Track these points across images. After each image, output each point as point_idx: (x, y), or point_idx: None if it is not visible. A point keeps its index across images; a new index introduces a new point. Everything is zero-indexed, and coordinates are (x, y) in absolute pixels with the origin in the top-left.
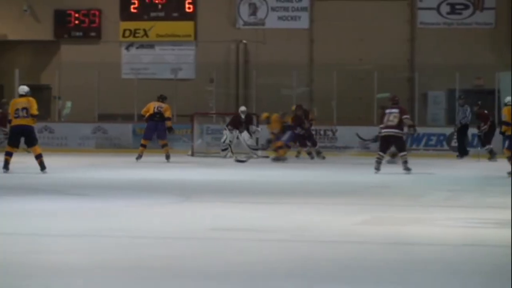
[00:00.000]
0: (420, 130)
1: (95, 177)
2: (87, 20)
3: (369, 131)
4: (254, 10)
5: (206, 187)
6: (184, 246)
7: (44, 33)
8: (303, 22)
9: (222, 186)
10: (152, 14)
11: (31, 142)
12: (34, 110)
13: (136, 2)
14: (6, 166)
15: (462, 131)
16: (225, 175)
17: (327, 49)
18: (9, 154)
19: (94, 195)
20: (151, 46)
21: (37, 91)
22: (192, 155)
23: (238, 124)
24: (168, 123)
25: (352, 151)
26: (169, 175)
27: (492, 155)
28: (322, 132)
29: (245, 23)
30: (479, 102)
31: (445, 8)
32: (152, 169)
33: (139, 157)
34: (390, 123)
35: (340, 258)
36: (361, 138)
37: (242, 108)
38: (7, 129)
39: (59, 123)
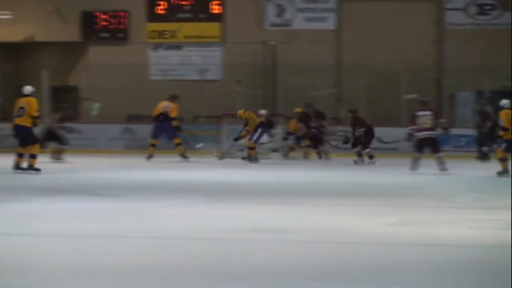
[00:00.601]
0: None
1: (123, 178)
2: (114, 21)
3: (398, 132)
4: (281, 11)
5: (232, 188)
6: (209, 247)
7: (72, 34)
8: (330, 23)
9: (248, 187)
10: (179, 16)
11: (24, 142)
12: (33, 111)
13: (163, 3)
14: (16, 167)
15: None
16: (250, 176)
17: (354, 50)
18: (19, 155)
19: (122, 196)
20: (178, 47)
21: (64, 92)
22: (221, 156)
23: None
24: (174, 123)
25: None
26: (195, 176)
27: (484, 156)
28: (349, 134)
29: (272, 24)
30: (481, 101)
31: (473, 9)
32: (180, 170)
33: (150, 157)
34: (425, 126)
35: (370, 260)
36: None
37: (263, 112)
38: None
39: (88, 124)
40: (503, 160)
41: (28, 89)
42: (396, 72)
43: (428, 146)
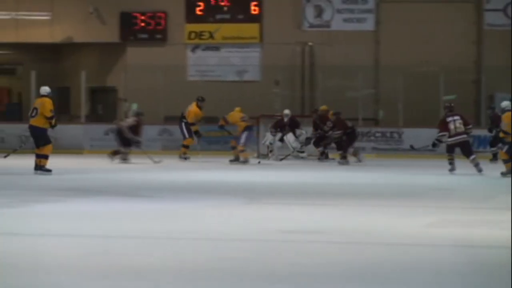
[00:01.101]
0: (488, 132)
1: (162, 179)
2: (153, 22)
3: (434, 134)
4: (319, 12)
5: (271, 189)
6: (250, 248)
7: (110, 35)
8: (369, 24)
9: (286, 188)
10: (218, 17)
11: (37, 142)
12: (46, 111)
13: (201, 4)
14: (36, 168)
15: None
16: (286, 177)
17: (392, 51)
18: (37, 156)
19: (161, 197)
20: (216, 48)
21: (102, 93)
22: (258, 157)
23: (280, 126)
24: (194, 128)
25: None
26: (234, 177)
27: (494, 157)
28: (388, 134)
29: (311, 25)
30: (492, 105)
31: None
32: (218, 171)
33: (186, 158)
34: (459, 130)
35: (406, 261)
36: (413, 148)
37: (286, 112)
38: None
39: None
40: (507, 161)
41: (45, 89)
42: (434, 73)
43: (461, 149)
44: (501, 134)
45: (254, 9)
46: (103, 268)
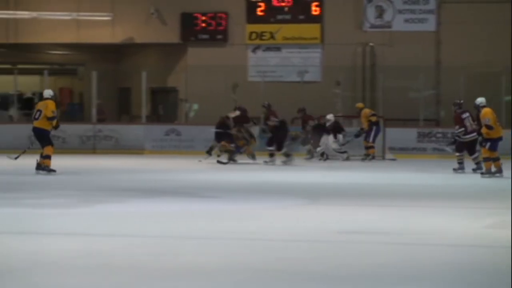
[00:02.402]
0: None
1: (223, 179)
2: (214, 23)
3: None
4: (380, 12)
5: (329, 189)
6: (309, 249)
7: (171, 36)
8: (430, 24)
9: (346, 189)
10: (279, 17)
11: (41, 143)
12: (48, 112)
13: (262, 5)
14: (39, 167)
15: None
16: (348, 178)
17: (454, 51)
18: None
19: (223, 197)
20: (277, 48)
21: (163, 93)
22: (312, 156)
23: (321, 131)
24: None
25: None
26: (292, 177)
27: None
28: (449, 135)
29: (372, 26)
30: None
31: None
32: (277, 172)
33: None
34: (475, 127)
35: (467, 262)
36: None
37: (328, 116)
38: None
39: (186, 126)
40: (489, 160)
41: (48, 92)
42: (496, 74)
43: (468, 146)
44: (483, 130)
45: (315, 10)
46: (169, 267)
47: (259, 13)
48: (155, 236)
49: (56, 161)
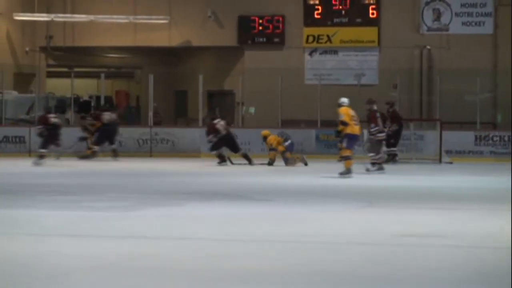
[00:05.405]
0: None
1: (278, 183)
2: (271, 26)
3: None
4: (438, 15)
5: (385, 193)
6: (366, 252)
7: (228, 39)
8: (487, 27)
9: (400, 192)
10: (336, 20)
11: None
12: None
13: (320, 8)
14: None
15: None
16: (397, 181)
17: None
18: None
19: (276, 201)
20: (334, 51)
21: (220, 96)
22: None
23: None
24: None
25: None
26: (349, 181)
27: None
28: (506, 138)
29: (429, 29)
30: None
31: None
32: (332, 175)
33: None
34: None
35: None
36: None
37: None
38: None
39: (243, 129)
40: (348, 158)
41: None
42: None
43: None
44: (340, 127)
45: (372, 13)
46: (225, 270)
47: (316, 16)
48: (208, 238)
49: (113, 164)
